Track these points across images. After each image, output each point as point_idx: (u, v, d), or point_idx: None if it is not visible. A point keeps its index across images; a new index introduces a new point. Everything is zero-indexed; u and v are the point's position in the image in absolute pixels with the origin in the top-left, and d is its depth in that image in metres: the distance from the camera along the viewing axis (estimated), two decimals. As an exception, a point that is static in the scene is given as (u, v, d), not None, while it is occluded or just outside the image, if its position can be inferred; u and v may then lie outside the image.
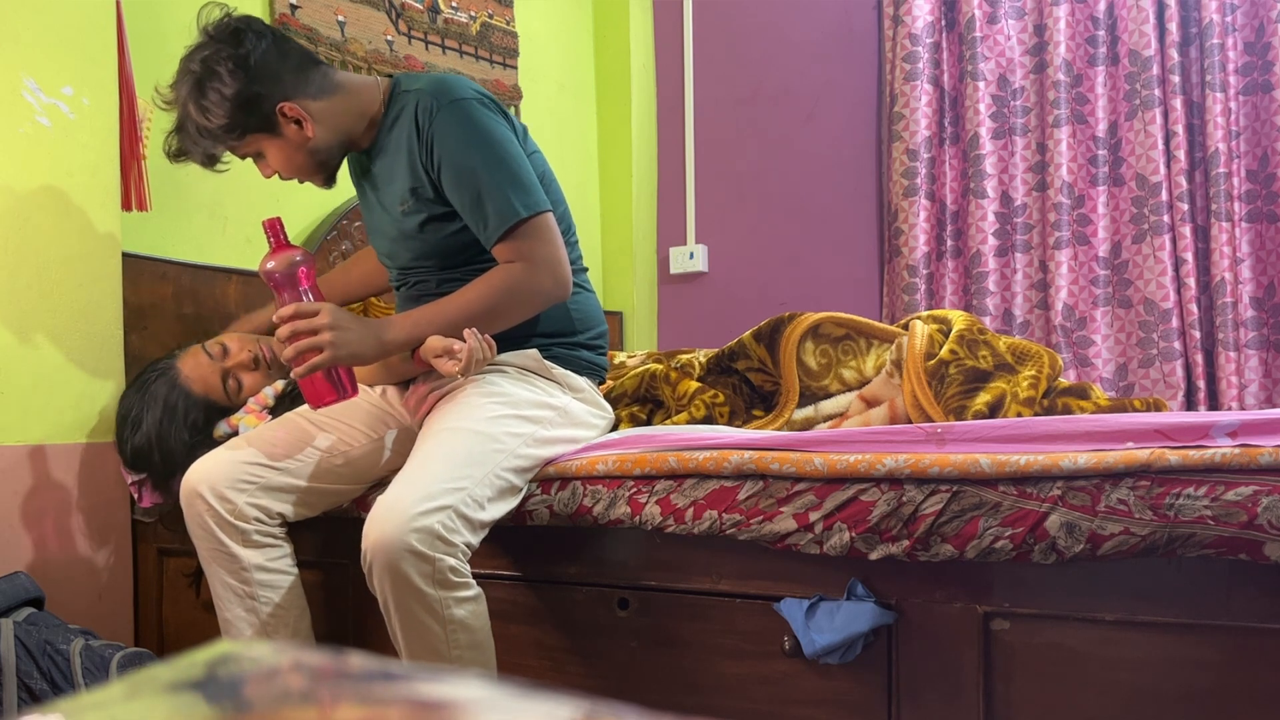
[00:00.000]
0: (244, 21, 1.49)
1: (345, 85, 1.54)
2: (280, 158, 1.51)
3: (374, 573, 1.26)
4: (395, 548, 1.23)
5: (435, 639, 1.28)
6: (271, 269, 1.39)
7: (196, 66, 1.45)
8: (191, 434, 1.66)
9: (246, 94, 1.44)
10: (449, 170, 1.45)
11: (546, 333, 1.56)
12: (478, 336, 1.39)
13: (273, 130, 1.48)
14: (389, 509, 1.26)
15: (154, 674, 0.31)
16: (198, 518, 1.44)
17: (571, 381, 1.55)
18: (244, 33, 1.46)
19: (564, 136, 3.13)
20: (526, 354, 1.51)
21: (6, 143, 1.67)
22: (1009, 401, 1.59)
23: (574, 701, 0.28)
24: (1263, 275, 2.51)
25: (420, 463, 1.34)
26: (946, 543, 1.18)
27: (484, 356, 1.40)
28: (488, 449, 1.36)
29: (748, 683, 1.34)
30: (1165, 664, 1.12)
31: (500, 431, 1.39)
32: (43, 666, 1.42)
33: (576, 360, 1.58)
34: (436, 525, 1.25)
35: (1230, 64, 2.50)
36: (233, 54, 1.44)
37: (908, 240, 2.80)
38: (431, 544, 1.24)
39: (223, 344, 1.75)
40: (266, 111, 1.46)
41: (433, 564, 1.24)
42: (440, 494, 1.27)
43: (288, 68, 1.48)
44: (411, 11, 2.62)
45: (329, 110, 1.51)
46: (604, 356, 1.66)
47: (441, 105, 1.46)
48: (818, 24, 3.02)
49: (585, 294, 1.64)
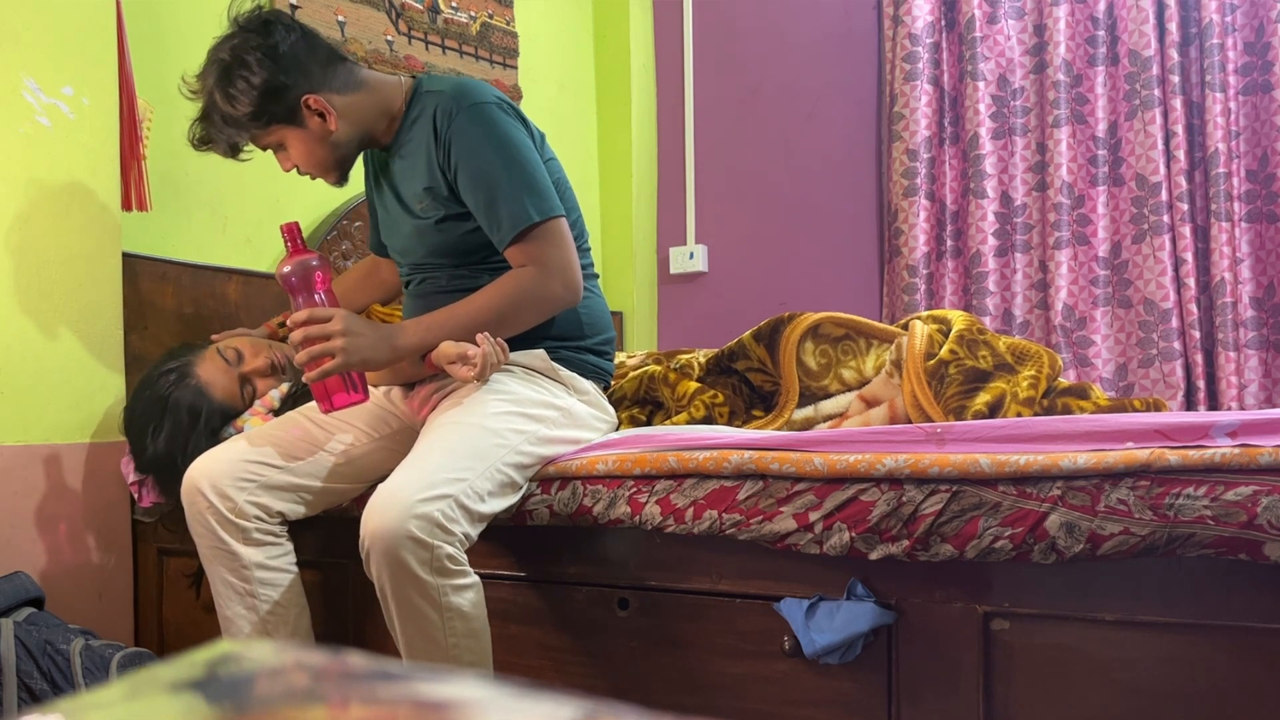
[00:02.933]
0: (274, 14, 1.51)
1: (369, 82, 1.56)
2: (302, 150, 1.52)
3: (372, 559, 1.26)
4: (394, 534, 1.23)
5: (432, 626, 1.28)
6: (287, 273, 1.40)
7: (226, 55, 1.47)
8: (209, 440, 1.66)
9: (273, 84, 1.45)
10: (465, 172, 1.47)
11: (555, 335, 1.56)
12: (491, 341, 1.40)
13: (297, 122, 1.49)
14: (390, 497, 1.26)
15: (154, 674, 0.31)
16: (198, 515, 1.44)
17: (577, 384, 1.55)
18: (274, 24, 1.48)
19: (564, 136, 3.13)
20: (534, 354, 1.52)
21: (6, 143, 1.67)
22: (1009, 401, 1.59)
23: (574, 701, 0.28)
24: (1262, 275, 2.51)
25: (423, 454, 1.34)
26: (946, 543, 1.18)
27: (498, 361, 1.40)
28: (490, 443, 1.37)
29: (748, 683, 1.34)
30: (1165, 664, 1.12)
31: (504, 427, 1.40)
32: (43, 666, 1.42)
33: (583, 363, 1.58)
34: (436, 513, 1.25)
35: (1230, 64, 2.50)
36: (262, 44, 1.45)
37: (908, 240, 2.80)
38: (431, 531, 1.25)
39: (237, 349, 1.74)
40: (292, 102, 1.47)
41: (431, 551, 1.25)
42: (441, 483, 1.28)
43: (315, 61, 1.49)
44: (411, 11, 2.62)
45: (352, 105, 1.52)
46: (610, 361, 1.66)
47: (461, 108, 1.47)
48: (818, 24, 3.02)
49: (595, 299, 1.65)
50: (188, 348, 1.77)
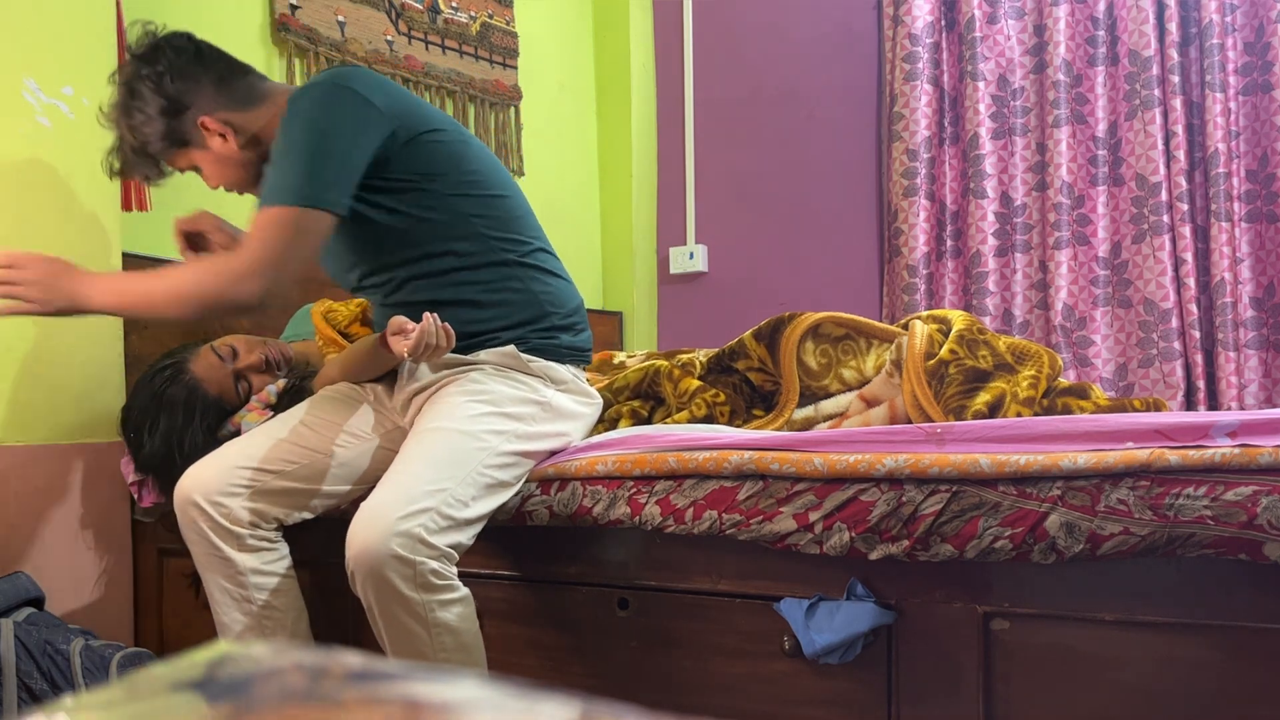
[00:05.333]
0: (165, 38, 1.49)
1: (273, 94, 1.52)
2: (212, 170, 1.52)
3: (357, 579, 1.27)
4: (377, 554, 1.23)
5: (420, 643, 1.28)
6: None
7: (123, 86, 1.48)
8: (206, 436, 1.66)
9: (168, 109, 1.45)
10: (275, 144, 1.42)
11: (519, 322, 1.51)
12: (435, 321, 1.37)
13: (199, 144, 1.49)
14: (371, 516, 1.26)
15: (154, 674, 0.31)
16: (192, 524, 1.44)
17: (553, 374, 1.51)
18: (162, 49, 1.46)
19: (564, 136, 3.13)
20: (504, 351, 1.49)
21: (6, 143, 1.67)
22: (1009, 401, 1.59)
23: (573, 701, 0.28)
24: (1262, 275, 2.51)
25: (402, 467, 1.34)
26: (946, 543, 1.18)
27: (437, 344, 1.38)
28: (469, 448, 1.36)
29: (748, 683, 1.34)
30: (1165, 664, 1.12)
31: (481, 430, 1.39)
32: (43, 666, 1.42)
33: (555, 348, 1.54)
34: (418, 529, 1.25)
35: (1230, 64, 2.50)
36: (150, 72, 1.45)
37: (908, 240, 2.80)
38: (413, 548, 1.24)
39: (232, 346, 1.74)
40: (188, 126, 1.47)
41: (414, 567, 1.25)
42: (421, 497, 1.28)
43: (208, 80, 1.47)
44: (411, 11, 2.62)
45: (254, 120, 1.49)
46: (584, 337, 1.61)
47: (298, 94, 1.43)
48: (818, 24, 3.02)
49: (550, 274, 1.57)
50: (184, 347, 1.77)
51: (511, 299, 1.52)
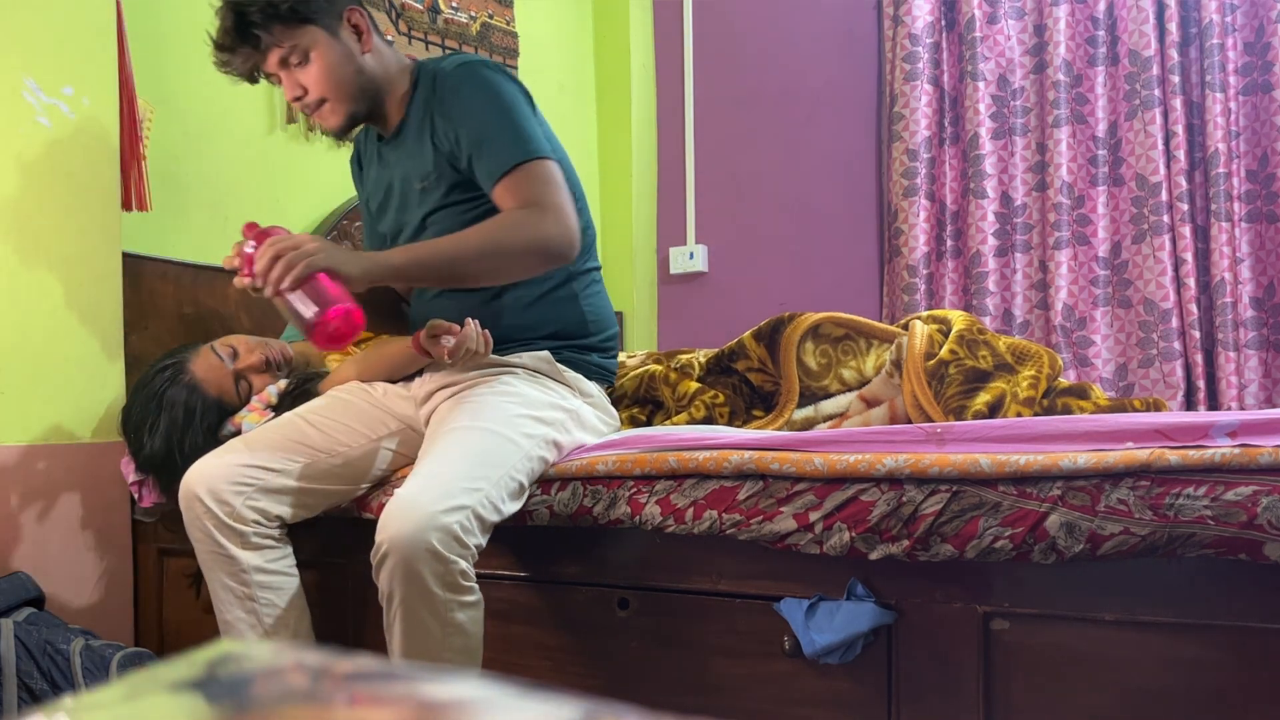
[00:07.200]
0: None
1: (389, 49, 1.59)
2: (325, 65, 1.48)
3: (385, 566, 1.23)
4: (414, 545, 1.21)
5: (432, 640, 1.27)
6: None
7: None
8: (206, 437, 1.66)
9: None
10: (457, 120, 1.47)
11: (558, 334, 1.55)
12: (477, 326, 1.38)
13: (333, 30, 1.49)
14: (410, 504, 1.23)
15: (154, 674, 0.31)
16: (196, 520, 1.44)
17: (583, 386, 1.54)
18: None
19: (564, 136, 3.11)
20: (538, 355, 1.51)
21: (6, 143, 1.67)
22: (1009, 401, 1.59)
23: (574, 701, 0.28)
24: (1262, 275, 2.51)
25: (437, 459, 1.32)
26: (946, 543, 1.18)
27: (476, 348, 1.39)
28: (505, 449, 1.35)
29: (748, 683, 1.34)
30: (1165, 664, 1.12)
31: (517, 433, 1.38)
32: (43, 666, 1.42)
33: (587, 364, 1.57)
34: (455, 526, 1.23)
35: (1230, 64, 2.50)
36: None
37: (908, 240, 2.80)
38: (449, 545, 1.23)
39: (232, 346, 1.74)
40: (339, 7, 1.48)
41: (446, 565, 1.23)
42: (459, 493, 1.26)
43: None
44: (411, 11, 2.62)
45: (380, 49, 1.55)
46: (614, 360, 1.65)
47: (452, 68, 1.50)
48: (818, 24, 3.02)
49: (599, 294, 1.63)
50: (184, 347, 1.77)
51: (562, 312, 1.55)
